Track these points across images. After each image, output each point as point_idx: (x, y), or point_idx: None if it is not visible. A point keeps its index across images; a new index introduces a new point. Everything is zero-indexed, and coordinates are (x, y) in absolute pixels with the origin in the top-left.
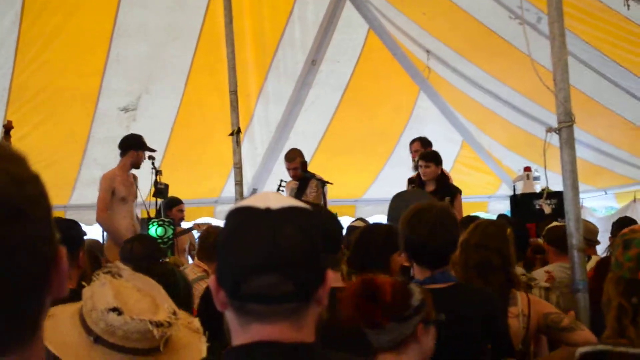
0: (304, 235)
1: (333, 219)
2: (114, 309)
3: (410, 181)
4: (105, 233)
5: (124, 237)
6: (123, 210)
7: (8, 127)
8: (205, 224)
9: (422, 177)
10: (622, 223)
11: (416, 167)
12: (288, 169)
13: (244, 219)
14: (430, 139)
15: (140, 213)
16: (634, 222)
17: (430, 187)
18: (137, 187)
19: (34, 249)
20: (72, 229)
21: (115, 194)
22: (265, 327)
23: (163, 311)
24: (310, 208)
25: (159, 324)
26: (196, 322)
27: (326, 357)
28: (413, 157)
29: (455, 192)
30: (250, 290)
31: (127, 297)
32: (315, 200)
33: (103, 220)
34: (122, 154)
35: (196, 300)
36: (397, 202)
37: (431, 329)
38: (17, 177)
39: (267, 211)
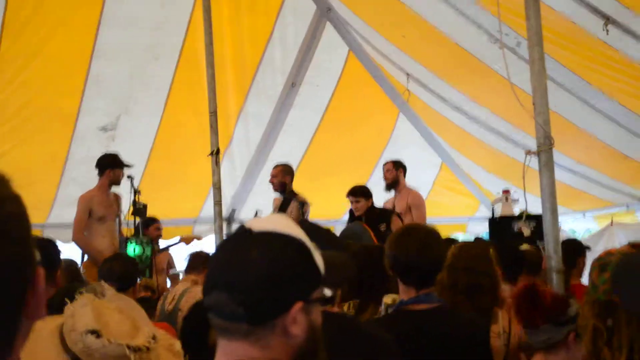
0: (269, 262)
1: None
2: (93, 332)
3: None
4: (83, 253)
5: (103, 256)
6: (102, 230)
7: None
8: (192, 236)
9: (355, 213)
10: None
11: (388, 187)
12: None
13: (230, 235)
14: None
15: (122, 232)
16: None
17: (364, 220)
18: (119, 206)
19: (14, 269)
20: (49, 248)
21: (92, 214)
22: (228, 343)
23: (142, 335)
24: (295, 238)
25: (136, 349)
26: (177, 345)
27: None
28: (385, 176)
29: (388, 216)
30: (208, 303)
31: (108, 319)
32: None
33: (78, 241)
34: (100, 174)
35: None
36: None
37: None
38: None
39: (247, 231)
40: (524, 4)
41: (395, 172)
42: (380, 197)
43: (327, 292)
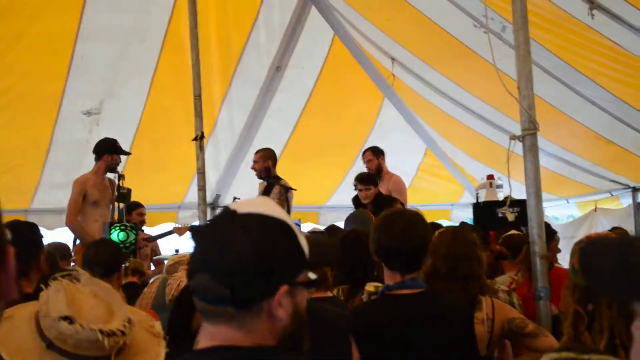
0: (254, 244)
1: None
2: (65, 318)
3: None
4: (75, 237)
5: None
6: (95, 214)
7: None
8: (186, 227)
9: (363, 201)
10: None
11: (375, 175)
12: None
13: (214, 218)
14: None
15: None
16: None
17: (370, 208)
18: (113, 191)
19: None
20: (33, 234)
21: (87, 198)
22: (213, 327)
23: (117, 319)
24: (280, 219)
25: (110, 334)
26: (157, 326)
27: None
28: (367, 167)
29: (391, 202)
30: (193, 286)
31: (81, 303)
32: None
33: (71, 224)
34: (97, 159)
35: None
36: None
37: None
38: None
39: (232, 214)
40: None
41: (377, 161)
42: None
43: (312, 275)
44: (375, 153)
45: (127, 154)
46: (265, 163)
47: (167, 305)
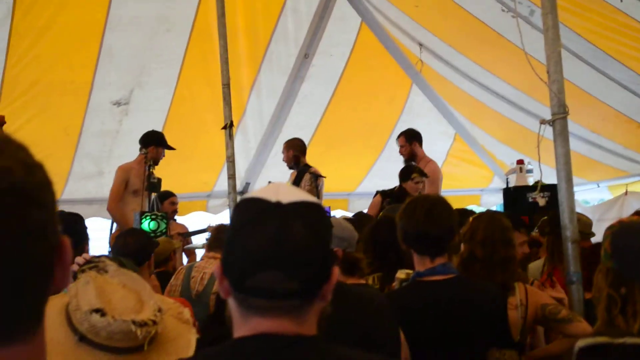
0: (312, 232)
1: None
2: (97, 310)
3: (385, 195)
4: (114, 223)
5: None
6: (133, 203)
7: (1, 122)
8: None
9: (414, 192)
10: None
11: (407, 162)
12: None
13: (254, 211)
14: (423, 132)
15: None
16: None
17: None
18: (146, 179)
19: (43, 234)
20: (78, 223)
21: (128, 186)
22: (267, 321)
23: (148, 309)
24: (319, 204)
25: (142, 324)
26: (186, 313)
27: (328, 349)
28: (400, 152)
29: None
30: (255, 285)
31: (110, 295)
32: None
33: (113, 210)
34: (141, 149)
35: None
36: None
37: None
38: (27, 164)
39: (277, 205)
40: None
41: (410, 147)
42: (395, 170)
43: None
44: (408, 138)
45: (172, 148)
46: (289, 152)
47: (192, 298)
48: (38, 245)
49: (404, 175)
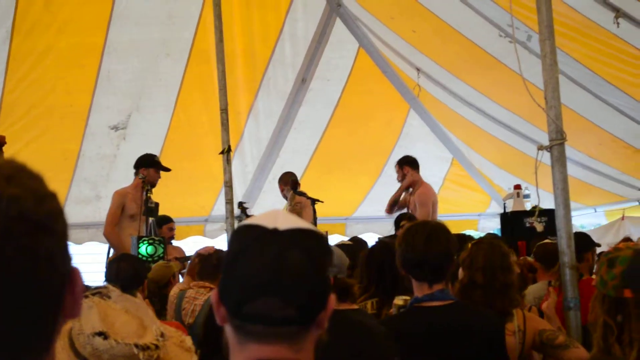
0: (309, 259)
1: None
2: (100, 333)
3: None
4: (110, 248)
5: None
6: (130, 227)
7: (1, 142)
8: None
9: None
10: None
11: (406, 188)
12: None
13: (251, 238)
14: (419, 156)
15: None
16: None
17: None
18: (143, 204)
19: (52, 263)
20: None
21: (125, 211)
22: (264, 348)
23: (150, 333)
24: (317, 231)
25: (144, 347)
26: (188, 341)
27: None
28: (398, 178)
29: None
30: (252, 312)
31: (114, 320)
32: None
33: (109, 235)
34: (136, 173)
35: None
36: None
37: None
38: (37, 193)
39: (274, 232)
40: None
41: (402, 172)
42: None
43: None
44: (400, 164)
45: (167, 169)
46: (283, 190)
47: (185, 325)
48: (47, 273)
49: (396, 224)
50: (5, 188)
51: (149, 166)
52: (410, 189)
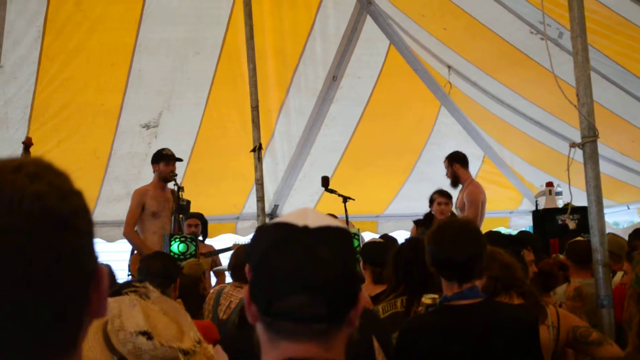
0: (339, 256)
1: None
2: (144, 333)
3: (418, 224)
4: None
5: (151, 252)
6: (153, 226)
7: (28, 144)
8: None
9: (439, 216)
10: (638, 234)
11: (452, 185)
12: None
13: (281, 235)
14: None
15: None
16: None
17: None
18: (175, 201)
19: (78, 260)
20: None
21: (145, 209)
22: (294, 345)
23: (189, 339)
24: (347, 228)
25: (186, 352)
26: (210, 349)
27: None
28: (446, 175)
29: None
30: (282, 309)
31: (156, 321)
32: None
33: (129, 235)
34: (154, 170)
35: None
36: None
37: None
38: (63, 190)
39: (305, 230)
40: None
41: (451, 169)
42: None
43: None
44: (450, 160)
45: (177, 160)
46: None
47: (219, 323)
48: (71, 270)
49: (430, 200)
50: (29, 185)
51: (156, 161)
52: (461, 186)
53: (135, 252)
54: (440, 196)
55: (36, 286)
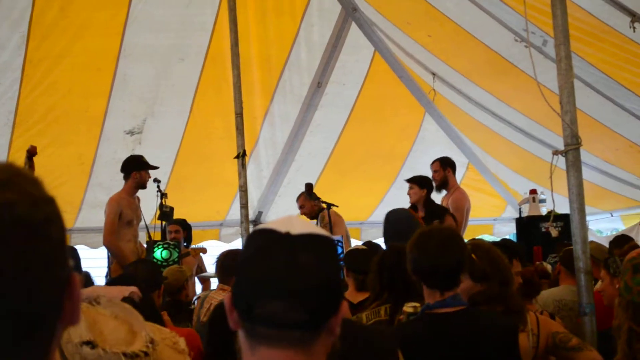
0: (320, 264)
1: None
2: (87, 342)
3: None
4: (110, 256)
5: (128, 261)
6: (128, 234)
7: (32, 153)
8: (200, 248)
9: (410, 200)
10: (618, 241)
11: (438, 188)
12: None
13: (263, 241)
14: None
15: (144, 236)
16: (630, 239)
17: (421, 213)
18: (140, 209)
19: (50, 268)
20: (71, 256)
21: (121, 218)
22: (274, 352)
23: (140, 340)
24: (328, 237)
25: (133, 356)
26: (182, 343)
27: None
28: (432, 177)
29: (443, 214)
30: (262, 314)
31: (102, 327)
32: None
33: (110, 244)
34: (125, 177)
35: None
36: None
37: None
38: (34, 197)
39: (287, 236)
40: (550, 1)
41: (443, 172)
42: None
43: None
44: (443, 164)
45: (154, 168)
46: (304, 198)
47: (201, 325)
48: (43, 278)
49: None
50: (0, 193)
51: (140, 168)
52: (444, 192)
53: (114, 261)
54: (407, 182)
55: (8, 295)
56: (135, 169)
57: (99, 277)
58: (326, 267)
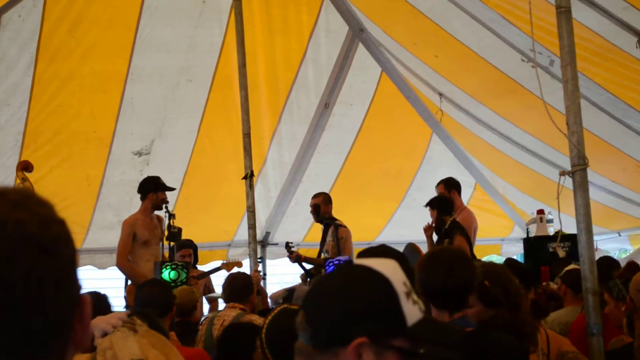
0: (344, 289)
1: None
2: None
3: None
4: (127, 278)
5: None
6: (146, 254)
7: (25, 167)
8: (234, 262)
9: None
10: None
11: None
12: None
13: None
14: None
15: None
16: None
17: (430, 231)
18: (162, 229)
19: (60, 286)
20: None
21: (136, 239)
22: None
23: None
24: (384, 277)
25: None
26: None
27: None
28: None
29: (453, 233)
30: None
31: (147, 353)
32: (332, 248)
33: (122, 266)
34: (142, 198)
35: None
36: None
37: None
38: (44, 218)
39: (348, 265)
40: (557, 22)
41: (448, 194)
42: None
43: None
44: (447, 186)
45: (171, 189)
46: (310, 202)
47: (214, 345)
48: (54, 296)
49: None
50: (11, 213)
51: (157, 190)
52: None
53: (130, 282)
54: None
55: (17, 315)
56: (152, 190)
57: (114, 297)
58: (348, 293)
